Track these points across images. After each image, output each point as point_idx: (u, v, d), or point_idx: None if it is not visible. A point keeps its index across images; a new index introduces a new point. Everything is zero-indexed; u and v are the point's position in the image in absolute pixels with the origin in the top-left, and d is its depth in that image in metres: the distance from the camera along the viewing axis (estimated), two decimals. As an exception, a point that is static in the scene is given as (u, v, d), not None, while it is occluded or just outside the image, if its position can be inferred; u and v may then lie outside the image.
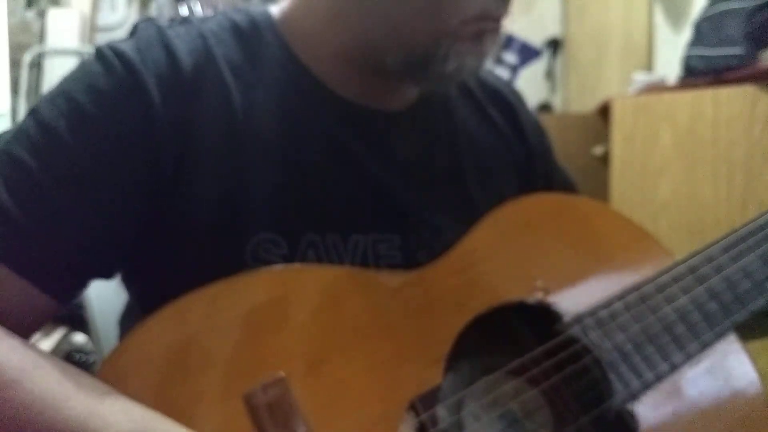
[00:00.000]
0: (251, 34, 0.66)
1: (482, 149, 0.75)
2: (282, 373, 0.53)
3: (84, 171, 0.57)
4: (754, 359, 0.65)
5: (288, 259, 0.61)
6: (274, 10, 0.69)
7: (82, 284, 0.60)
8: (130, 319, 0.70)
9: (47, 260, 0.56)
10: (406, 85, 0.69)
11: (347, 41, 0.65)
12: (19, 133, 0.58)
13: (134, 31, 0.63)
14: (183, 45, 0.62)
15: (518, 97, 0.82)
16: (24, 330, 0.55)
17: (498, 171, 0.76)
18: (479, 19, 0.61)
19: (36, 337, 0.59)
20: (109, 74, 0.59)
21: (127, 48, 0.60)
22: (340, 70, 0.66)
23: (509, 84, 0.85)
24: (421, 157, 0.71)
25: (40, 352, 0.53)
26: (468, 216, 0.69)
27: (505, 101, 0.80)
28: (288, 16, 0.68)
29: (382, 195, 0.66)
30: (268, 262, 0.60)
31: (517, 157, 0.78)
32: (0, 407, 0.47)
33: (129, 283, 0.67)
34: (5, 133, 0.60)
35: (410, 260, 0.66)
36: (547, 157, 0.82)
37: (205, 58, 0.62)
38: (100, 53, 0.61)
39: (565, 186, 0.82)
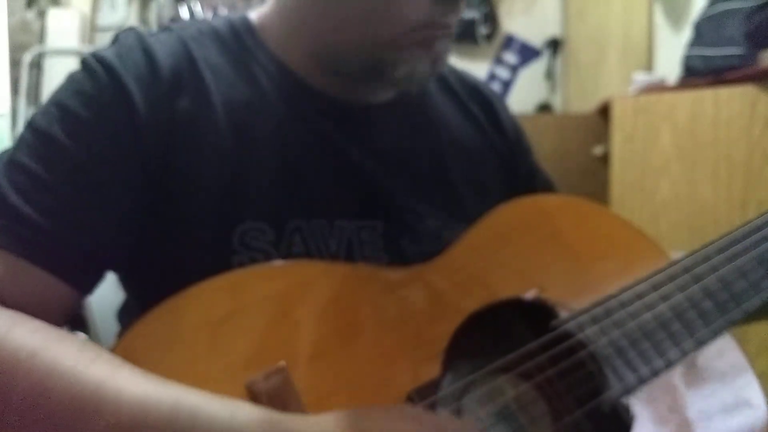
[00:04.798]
0: (230, 38, 0.70)
1: (463, 141, 0.78)
2: (283, 363, 0.54)
3: (84, 168, 0.60)
4: (754, 359, 0.65)
5: (275, 244, 0.64)
6: (252, 15, 0.73)
7: (100, 274, 0.63)
8: (127, 313, 0.72)
9: (63, 251, 0.59)
10: (368, 87, 0.71)
11: (312, 45, 0.69)
12: (19, 143, 0.62)
13: (116, 40, 0.67)
14: (162, 49, 0.66)
15: (497, 96, 0.85)
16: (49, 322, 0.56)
17: (479, 161, 0.78)
18: (426, 27, 0.63)
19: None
20: (93, 79, 0.63)
21: (108, 54, 0.65)
22: (315, 70, 0.69)
23: (487, 84, 0.88)
24: (402, 147, 0.73)
25: (61, 332, 0.55)
26: (449, 203, 0.72)
27: (485, 98, 0.83)
28: (264, 20, 0.72)
29: (364, 182, 0.69)
30: (256, 249, 0.63)
31: (499, 150, 0.81)
32: (22, 376, 0.49)
33: (125, 277, 0.69)
34: (5, 150, 0.63)
35: (393, 247, 0.68)
36: (527, 157, 0.85)
37: (184, 60, 0.66)
38: (83, 62, 0.65)
39: (546, 187, 0.85)
